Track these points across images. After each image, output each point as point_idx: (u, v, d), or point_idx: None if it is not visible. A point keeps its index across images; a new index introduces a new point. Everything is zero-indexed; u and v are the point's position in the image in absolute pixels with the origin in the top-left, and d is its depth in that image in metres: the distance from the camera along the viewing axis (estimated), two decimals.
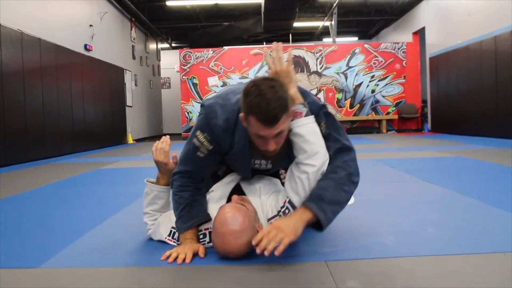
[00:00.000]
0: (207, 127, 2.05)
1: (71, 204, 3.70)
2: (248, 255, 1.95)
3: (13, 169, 6.54)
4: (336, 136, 2.06)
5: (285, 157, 2.10)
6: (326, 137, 2.04)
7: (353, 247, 2.11)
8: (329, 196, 1.94)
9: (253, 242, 1.83)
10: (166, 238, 2.23)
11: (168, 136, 2.42)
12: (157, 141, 2.38)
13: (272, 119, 1.81)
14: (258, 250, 1.80)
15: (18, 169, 6.61)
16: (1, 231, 2.73)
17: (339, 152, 2.04)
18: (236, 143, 2.05)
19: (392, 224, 2.54)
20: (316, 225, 1.97)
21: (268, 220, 2.07)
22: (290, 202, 2.02)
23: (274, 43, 2.14)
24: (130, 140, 13.63)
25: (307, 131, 1.97)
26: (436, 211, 2.86)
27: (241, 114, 1.91)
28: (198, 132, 2.08)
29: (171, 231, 2.21)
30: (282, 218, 1.98)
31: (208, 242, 2.11)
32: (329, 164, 2.02)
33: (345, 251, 2.05)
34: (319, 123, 2.02)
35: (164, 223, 2.25)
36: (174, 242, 2.20)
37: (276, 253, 1.78)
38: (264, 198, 2.14)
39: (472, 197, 3.24)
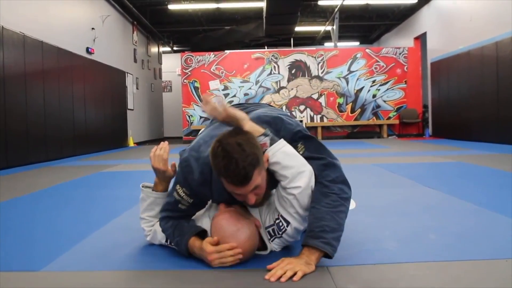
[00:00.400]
0: (185, 182, 2.04)
1: (72, 207, 3.69)
2: (253, 253, 1.98)
3: (14, 172, 6.53)
4: (317, 155, 2.00)
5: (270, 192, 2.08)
6: (307, 158, 1.98)
7: (355, 252, 2.11)
8: (329, 226, 1.88)
9: (267, 277, 1.79)
10: (164, 244, 2.23)
11: (167, 142, 2.37)
12: (156, 147, 2.33)
13: (243, 179, 1.78)
14: (272, 279, 1.77)
15: (19, 171, 6.60)
16: (2, 234, 2.72)
17: (324, 170, 1.98)
18: (215, 192, 2.03)
19: (394, 229, 2.54)
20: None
21: (266, 228, 2.05)
22: (282, 216, 1.99)
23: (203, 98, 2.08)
24: (131, 143, 13.63)
25: (282, 157, 1.90)
26: (437, 217, 2.86)
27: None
28: (177, 187, 2.08)
29: (167, 238, 2.21)
30: (292, 258, 1.89)
31: None
32: (316, 186, 1.96)
33: (347, 256, 2.04)
34: (296, 147, 1.97)
35: (160, 231, 2.25)
36: (173, 246, 2.19)
37: (295, 278, 1.77)
38: (262, 207, 2.12)
39: (473, 203, 3.24)
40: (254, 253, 2.01)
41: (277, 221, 2.02)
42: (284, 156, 1.91)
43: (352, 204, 3.25)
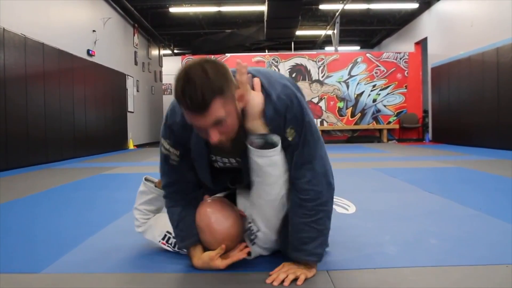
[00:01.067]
0: (167, 130, 1.95)
1: (72, 209, 3.69)
2: (239, 241, 1.97)
3: (14, 174, 6.53)
4: (303, 150, 1.84)
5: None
6: (293, 147, 1.84)
7: (355, 256, 2.11)
8: (308, 237, 1.84)
9: (268, 280, 1.80)
10: (160, 241, 2.21)
11: None
12: None
13: (200, 105, 1.60)
14: (275, 283, 1.77)
15: (19, 173, 6.60)
16: (2, 236, 2.72)
17: (301, 167, 1.84)
18: (193, 137, 1.90)
19: (394, 234, 2.54)
20: None
21: (245, 232, 2.03)
22: (254, 220, 1.96)
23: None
24: (131, 145, 13.63)
25: (266, 163, 1.82)
26: (438, 222, 2.85)
27: None
28: (162, 140, 2.00)
29: (165, 235, 2.19)
30: (292, 264, 1.89)
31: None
32: (292, 193, 1.87)
33: (347, 260, 2.04)
34: (285, 131, 1.82)
35: (158, 226, 2.23)
36: (168, 246, 2.19)
37: (298, 282, 1.78)
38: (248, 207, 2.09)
39: (473, 208, 3.24)
40: (239, 240, 1.98)
41: (249, 225, 2.00)
42: (269, 163, 1.82)
43: (352, 208, 3.25)
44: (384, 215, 3.11)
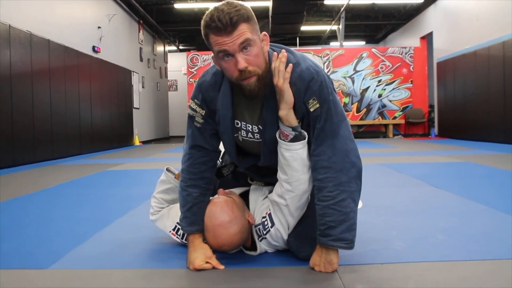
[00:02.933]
0: (197, 89, 1.99)
1: (78, 205, 3.70)
2: (238, 248, 1.98)
3: (21, 170, 6.56)
4: (325, 124, 1.83)
5: (274, 120, 1.89)
6: (315, 118, 1.84)
7: (362, 252, 2.10)
8: (333, 221, 1.80)
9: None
10: (170, 232, 2.22)
11: None
12: None
13: (228, 24, 1.67)
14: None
15: (26, 170, 6.63)
16: (9, 232, 2.73)
17: (322, 143, 1.83)
18: (220, 98, 1.93)
19: (401, 229, 2.53)
20: None
21: (255, 226, 2.03)
22: (269, 215, 1.98)
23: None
24: (136, 142, 13.65)
25: (293, 157, 1.85)
26: (445, 217, 2.85)
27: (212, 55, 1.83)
28: (190, 102, 2.02)
29: (176, 226, 2.19)
30: (316, 254, 1.88)
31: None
32: (314, 166, 1.86)
33: (354, 256, 2.03)
34: (308, 102, 1.82)
35: (170, 217, 2.24)
36: (178, 237, 2.19)
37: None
38: (260, 203, 2.10)
39: (481, 203, 3.23)
40: (237, 248, 1.99)
41: (263, 219, 2.00)
42: (296, 157, 1.85)
43: (359, 204, 3.24)
44: (391, 210, 3.10)
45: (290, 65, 1.81)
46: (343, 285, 1.68)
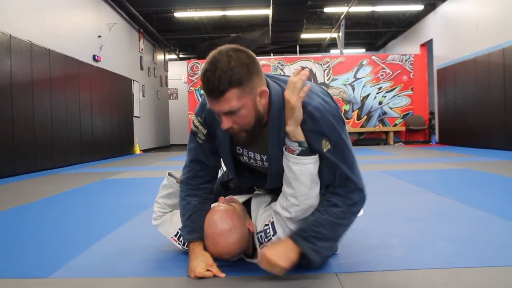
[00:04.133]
0: (201, 107, 2.01)
1: (79, 214, 3.70)
2: (239, 256, 1.98)
3: (21, 179, 6.55)
4: (339, 162, 1.86)
5: (279, 154, 1.89)
6: (328, 159, 1.84)
7: (364, 259, 2.10)
8: (325, 234, 1.85)
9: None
10: (172, 238, 2.21)
11: None
12: None
13: (215, 91, 1.67)
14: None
15: (26, 179, 6.62)
16: (10, 241, 2.73)
17: (343, 180, 1.87)
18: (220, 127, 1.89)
19: (402, 236, 2.53)
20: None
21: (257, 233, 2.03)
22: (272, 224, 1.97)
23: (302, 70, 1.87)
24: (137, 150, 13.65)
25: (302, 171, 1.83)
26: (446, 224, 2.84)
27: None
28: (194, 118, 2.05)
29: (178, 232, 2.18)
30: (273, 245, 1.89)
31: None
32: (329, 193, 1.89)
33: (356, 263, 2.03)
34: (321, 142, 1.82)
35: (173, 223, 2.23)
36: (179, 244, 2.18)
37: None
38: (261, 210, 2.09)
39: (481, 210, 3.22)
40: (237, 256, 1.98)
41: (265, 227, 2.00)
42: (304, 171, 1.84)
43: (360, 212, 3.24)
44: (392, 217, 3.10)
45: (308, 85, 1.80)
46: None
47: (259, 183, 2.13)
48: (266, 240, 1.99)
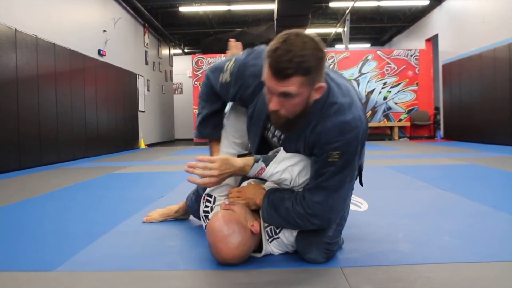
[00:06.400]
0: (241, 64, 2.04)
1: (84, 208, 3.71)
2: (247, 258, 1.97)
3: (27, 173, 6.57)
4: (331, 181, 1.85)
5: (297, 141, 1.90)
6: (326, 166, 1.83)
7: (369, 254, 2.10)
8: (280, 211, 1.93)
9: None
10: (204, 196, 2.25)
11: None
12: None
13: (281, 72, 1.64)
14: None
15: (32, 173, 6.64)
16: (16, 234, 2.74)
17: (319, 188, 1.87)
18: (262, 96, 1.91)
19: (407, 231, 2.52)
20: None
21: (265, 227, 2.06)
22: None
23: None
24: (142, 145, 13.67)
25: (280, 180, 1.95)
26: (451, 219, 2.84)
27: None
28: (227, 65, 2.10)
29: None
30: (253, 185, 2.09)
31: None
32: (303, 192, 1.92)
33: (361, 258, 2.03)
34: (331, 154, 1.81)
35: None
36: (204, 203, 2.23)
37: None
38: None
39: (487, 205, 3.21)
40: (245, 259, 1.97)
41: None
42: (279, 174, 1.93)
43: (365, 206, 3.24)
44: (397, 213, 3.10)
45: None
46: (349, 287, 1.68)
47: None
48: (277, 230, 2.02)
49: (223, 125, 2.31)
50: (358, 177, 2.13)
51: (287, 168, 1.93)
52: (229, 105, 2.31)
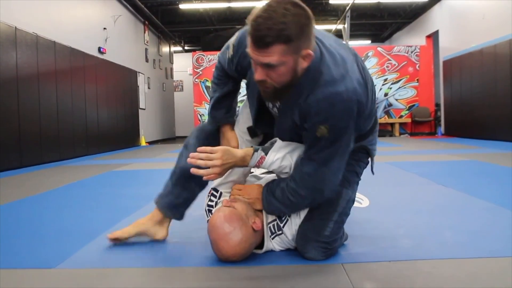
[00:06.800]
0: (242, 37, 1.97)
1: (85, 205, 3.71)
2: (248, 255, 1.97)
3: (28, 171, 6.57)
4: (321, 153, 1.81)
5: (293, 112, 1.83)
6: (315, 140, 1.79)
7: (370, 250, 2.10)
8: (278, 196, 1.94)
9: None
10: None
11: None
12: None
13: (260, 40, 1.58)
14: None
15: (33, 171, 6.64)
16: (17, 232, 2.74)
17: (310, 159, 1.84)
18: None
19: (408, 227, 2.52)
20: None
21: (268, 224, 2.06)
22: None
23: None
24: (143, 142, 13.68)
25: (278, 169, 1.95)
26: (452, 215, 2.84)
27: None
28: (230, 43, 2.09)
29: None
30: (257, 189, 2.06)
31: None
32: (297, 164, 1.92)
33: (362, 254, 2.03)
34: (319, 127, 1.75)
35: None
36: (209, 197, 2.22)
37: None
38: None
39: (488, 201, 3.21)
40: (247, 256, 1.97)
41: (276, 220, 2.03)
42: (279, 162, 1.92)
43: (366, 202, 3.24)
44: (398, 209, 3.10)
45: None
46: (350, 283, 1.68)
47: (272, 131, 2.07)
48: (281, 224, 2.02)
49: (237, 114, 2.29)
50: (370, 165, 2.16)
51: (285, 155, 1.93)
52: (241, 105, 2.30)
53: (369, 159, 2.15)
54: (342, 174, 1.91)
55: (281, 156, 1.92)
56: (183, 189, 2.29)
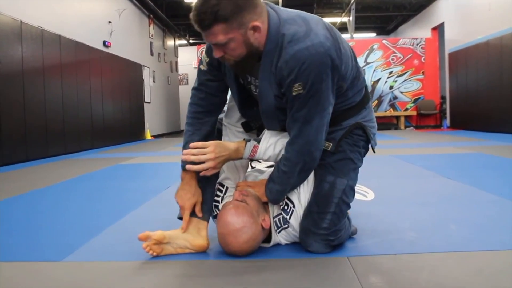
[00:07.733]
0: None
1: (91, 199, 3.72)
2: (254, 251, 1.96)
3: (34, 165, 6.60)
4: (305, 113, 1.81)
5: (269, 83, 1.84)
6: (295, 101, 1.80)
7: (375, 242, 2.10)
8: (275, 176, 1.96)
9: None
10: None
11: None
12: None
13: (200, 23, 1.69)
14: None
15: (39, 164, 6.67)
16: (23, 225, 2.76)
17: (294, 125, 1.86)
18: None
19: (413, 220, 2.52)
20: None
21: (273, 218, 2.06)
22: (287, 197, 2.04)
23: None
24: (148, 136, 13.69)
25: (272, 157, 1.98)
26: (457, 207, 2.84)
27: None
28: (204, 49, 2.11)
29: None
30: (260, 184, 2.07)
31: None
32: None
33: (367, 246, 2.04)
34: (293, 86, 1.76)
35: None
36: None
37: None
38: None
39: (494, 194, 3.20)
40: (251, 253, 1.96)
41: (282, 206, 2.02)
42: (272, 148, 1.96)
43: (371, 195, 3.24)
44: (403, 201, 3.10)
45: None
46: (356, 276, 1.68)
47: (259, 118, 2.08)
48: (286, 216, 2.01)
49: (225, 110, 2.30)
50: (370, 145, 2.16)
51: (277, 141, 1.97)
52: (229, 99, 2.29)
53: (369, 144, 2.14)
54: (326, 131, 1.91)
55: (274, 142, 1.96)
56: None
